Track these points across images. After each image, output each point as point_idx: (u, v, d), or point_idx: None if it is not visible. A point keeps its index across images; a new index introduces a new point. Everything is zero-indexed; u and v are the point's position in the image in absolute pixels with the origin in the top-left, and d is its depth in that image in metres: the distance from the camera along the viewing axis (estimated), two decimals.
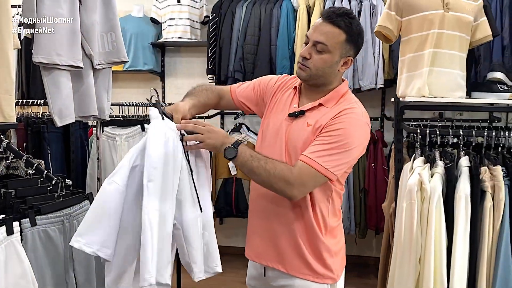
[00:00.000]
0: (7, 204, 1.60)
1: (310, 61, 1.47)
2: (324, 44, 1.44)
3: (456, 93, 2.01)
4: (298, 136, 1.49)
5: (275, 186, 1.40)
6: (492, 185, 1.76)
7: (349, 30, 1.45)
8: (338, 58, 1.47)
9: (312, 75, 1.49)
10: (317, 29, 1.47)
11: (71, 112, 1.81)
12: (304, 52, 1.48)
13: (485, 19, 2.06)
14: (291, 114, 1.52)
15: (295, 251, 1.50)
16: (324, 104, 1.50)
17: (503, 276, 1.71)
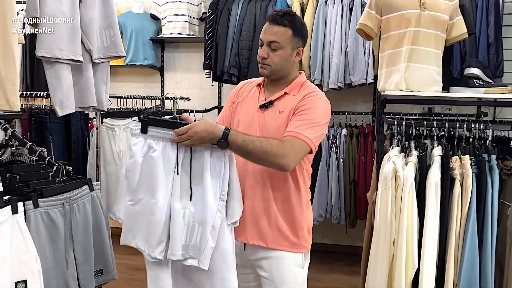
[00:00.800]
0: (12, 187, 1.70)
1: (268, 60, 1.69)
2: (276, 42, 1.67)
3: (431, 88, 2.11)
4: (272, 123, 1.70)
5: (273, 161, 1.57)
6: (461, 173, 1.86)
7: (293, 26, 1.68)
8: (290, 51, 1.70)
9: (273, 71, 1.71)
10: (267, 31, 1.69)
11: (71, 103, 1.92)
12: (262, 53, 1.69)
13: (461, 18, 2.16)
14: (262, 106, 1.73)
15: (275, 226, 1.70)
16: (289, 92, 1.73)
17: (469, 257, 1.82)
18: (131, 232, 1.63)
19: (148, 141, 1.57)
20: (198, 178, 1.58)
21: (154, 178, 1.57)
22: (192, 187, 1.57)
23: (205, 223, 1.56)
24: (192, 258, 1.59)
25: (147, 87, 4.66)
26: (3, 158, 1.90)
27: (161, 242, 1.59)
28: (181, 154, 1.57)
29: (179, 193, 1.58)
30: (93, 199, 1.87)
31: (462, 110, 3.69)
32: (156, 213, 1.57)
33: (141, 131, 1.58)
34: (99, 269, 1.90)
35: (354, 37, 3.55)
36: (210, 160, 1.57)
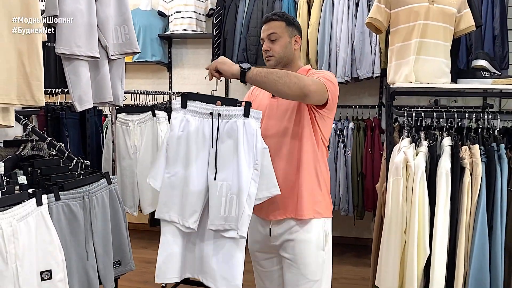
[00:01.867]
0: (34, 181, 1.75)
1: (271, 51, 1.89)
2: (274, 33, 1.89)
3: (440, 80, 2.15)
4: (285, 105, 1.86)
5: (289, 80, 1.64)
6: (471, 162, 1.89)
7: (284, 18, 1.91)
8: (288, 39, 1.90)
9: (277, 60, 1.90)
10: (264, 29, 1.93)
11: (89, 99, 1.95)
12: (265, 47, 1.91)
13: (468, 10, 2.20)
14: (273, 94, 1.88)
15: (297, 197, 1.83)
16: None
17: (479, 244, 1.86)
18: (166, 205, 1.71)
19: (187, 116, 1.68)
20: (232, 151, 1.65)
21: (190, 151, 1.67)
22: (226, 160, 1.65)
23: (241, 192, 1.63)
24: (232, 229, 1.65)
25: (155, 83, 4.70)
26: (24, 153, 1.95)
27: (195, 212, 1.67)
28: (215, 128, 1.66)
29: (214, 166, 1.66)
30: (110, 192, 1.92)
31: (468, 102, 3.73)
32: (190, 184, 1.66)
33: (181, 106, 1.68)
34: (117, 260, 1.96)
35: (360, 31, 3.58)
36: (243, 133, 1.65)
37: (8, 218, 1.42)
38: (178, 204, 1.69)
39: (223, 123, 1.66)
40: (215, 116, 1.66)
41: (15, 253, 1.42)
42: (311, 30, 3.70)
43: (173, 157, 1.69)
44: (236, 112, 1.66)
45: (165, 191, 1.71)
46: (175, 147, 1.69)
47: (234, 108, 1.67)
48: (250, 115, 1.66)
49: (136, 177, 2.69)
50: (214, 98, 1.70)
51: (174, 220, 1.70)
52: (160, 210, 1.72)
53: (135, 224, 4.39)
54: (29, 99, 1.47)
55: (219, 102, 1.69)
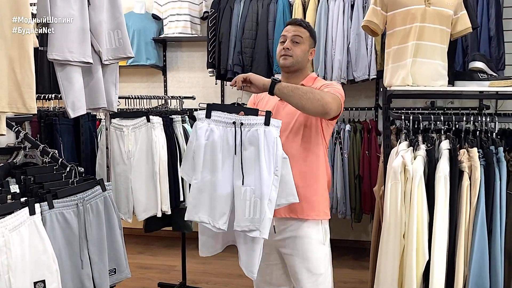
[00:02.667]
0: (27, 189, 1.73)
1: (291, 51, 1.98)
2: (300, 37, 2.00)
3: (437, 82, 2.13)
4: (292, 111, 1.91)
5: (313, 96, 1.77)
6: (469, 165, 1.88)
7: (309, 29, 2.04)
8: (308, 48, 2.03)
9: (294, 62, 1.99)
10: (291, 30, 2.02)
11: (82, 105, 1.92)
12: (287, 45, 1.98)
13: (464, 12, 2.18)
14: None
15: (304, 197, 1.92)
16: (305, 84, 1.97)
17: (479, 248, 1.84)
18: (195, 207, 1.83)
19: (211, 125, 1.80)
20: (254, 157, 1.77)
21: (215, 158, 1.79)
22: (248, 166, 1.77)
23: (263, 197, 1.75)
24: (256, 230, 1.77)
25: (150, 87, 4.68)
26: (17, 160, 1.92)
27: (224, 214, 1.80)
28: (238, 136, 1.78)
29: (239, 172, 1.78)
30: (105, 199, 1.90)
31: (464, 104, 3.72)
32: (218, 189, 1.79)
33: (206, 116, 1.81)
34: (112, 268, 1.93)
35: (356, 33, 3.58)
36: (264, 140, 1.75)
37: (0, 229, 1.40)
38: (206, 206, 1.82)
39: (245, 132, 1.78)
40: (237, 125, 1.77)
41: (7, 264, 1.40)
42: None
43: (199, 164, 1.82)
44: (257, 121, 1.77)
45: (193, 195, 1.84)
46: (201, 155, 1.81)
47: (255, 118, 1.78)
48: (271, 124, 1.76)
49: (130, 183, 2.66)
50: (237, 108, 1.82)
51: (204, 221, 1.82)
52: (190, 212, 1.85)
53: (131, 229, 4.35)
54: (21, 107, 1.44)
55: (242, 112, 1.81)
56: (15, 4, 1.41)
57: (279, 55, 2.01)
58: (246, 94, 2.01)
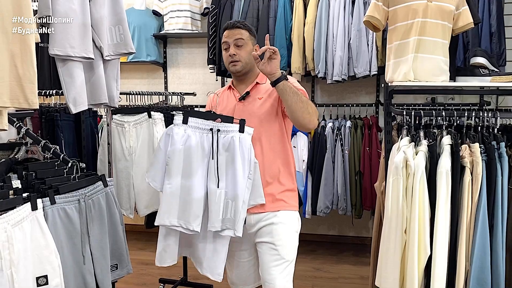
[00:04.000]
0: (29, 185, 1.73)
1: (237, 56, 2.01)
2: (241, 39, 2.01)
3: (439, 78, 2.13)
4: (258, 108, 2.00)
5: (310, 109, 1.84)
6: (471, 160, 1.88)
7: (247, 28, 2.04)
8: (252, 47, 2.03)
9: (243, 65, 2.02)
10: (230, 34, 2.02)
11: (84, 100, 1.92)
12: (231, 51, 2.01)
13: (466, 7, 2.18)
14: (241, 98, 2.04)
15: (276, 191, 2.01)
16: (260, 82, 2.06)
17: (480, 243, 1.84)
18: (167, 212, 1.90)
19: (188, 131, 1.89)
20: (229, 162, 1.88)
21: (191, 163, 1.87)
22: (224, 169, 1.89)
23: (237, 198, 1.87)
24: (228, 229, 1.90)
25: (150, 83, 4.67)
26: (19, 156, 1.92)
27: (197, 216, 1.89)
28: (215, 142, 1.88)
29: (214, 176, 1.88)
30: (107, 194, 1.90)
31: (465, 99, 3.72)
32: (193, 192, 1.87)
33: (183, 122, 1.89)
34: (114, 264, 1.94)
35: (357, 29, 3.57)
36: (239, 146, 1.87)
37: (3, 224, 1.40)
38: (178, 210, 1.89)
39: (221, 138, 1.89)
40: (214, 132, 1.89)
41: (10, 259, 1.40)
42: (307, 28, 3.68)
43: (174, 169, 1.88)
44: (232, 128, 1.89)
45: (165, 200, 1.91)
46: (177, 160, 1.88)
47: (231, 125, 1.90)
48: (245, 131, 1.89)
49: (132, 179, 2.66)
50: (213, 115, 1.92)
51: (174, 224, 1.90)
52: (161, 217, 1.91)
53: (132, 225, 4.36)
54: (23, 102, 1.44)
55: (219, 119, 1.90)
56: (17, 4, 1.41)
57: (227, 63, 2.05)
58: None
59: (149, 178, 1.95)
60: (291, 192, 2.06)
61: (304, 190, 3.82)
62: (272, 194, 2.01)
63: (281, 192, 2.02)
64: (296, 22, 3.70)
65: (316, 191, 3.78)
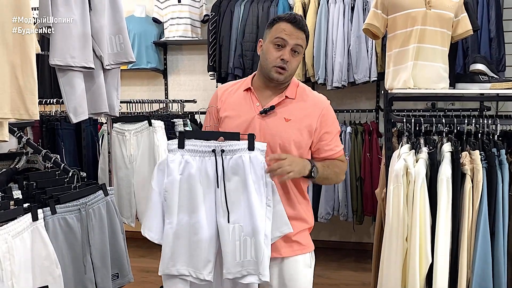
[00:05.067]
0: (30, 194, 1.72)
1: (289, 65, 1.61)
2: (301, 47, 1.63)
3: (439, 85, 2.14)
4: (278, 130, 1.64)
5: (341, 178, 1.73)
6: (472, 168, 1.89)
7: (308, 35, 1.65)
8: (301, 59, 1.71)
9: (287, 77, 1.64)
10: (294, 35, 1.60)
11: (84, 110, 1.93)
12: (286, 57, 1.60)
13: (465, 15, 2.19)
14: (263, 112, 1.65)
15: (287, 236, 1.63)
16: (289, 96, 1.67)
17: (482, 250, 1.84)
18: (172, 258, 1.55)
19: (186, 157, 1.53)
20: (241, 189, 1.52)
21: (194, 195, 1.52)
22: (234, 199, 1.52)
23: (257, 233, 1.50)
24: (250, 274, 1.52)
25: (151, 90, 4.68)
26: (19, 166, 1.93)
27: (209, 262, 1.53)
28: (220, 166, 1.53)
29: (223, 208, 1.52)
30: (108, 203, 1.90)
31: (465, 105, 3.71)
32: (200, 232, 1.52)
33: (179, 146, 1.54)
34: (115, 273, 1.93)
35: (356, 36, 3.58)
36: (250, 168, 1.51)
37: (3, 235, 1.40)
38: (185, 255, 1.54)
39: (227, 160, 1.52)
40: (218, 153, 1.52)
41: (11, 270, 1.39)
42: None
43: (174, 204, 1.53)
44: (240, 147, 1.53)
45: (169, 243, 1.55)
46: (176, 193, 1.53)
47: (237, 143, 1.53)
48: (256, 148, 1.53)
49: (132, 187, 2.66)
50: (214, 134, 1.59)
51: (183, 273, 1.55)
52: (165, 265, 1.57)
53: (133, 232, 4.34)
54: (23, 113, 1.45)
55: (221, 138, 1.56)
56: (17, 9, 1.41)
57: (272, 64, 1.61)
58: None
59: (145, 230, 1.58)
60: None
61: None
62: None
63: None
64: None
65: (317, 197, 3.78)
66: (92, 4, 1.95)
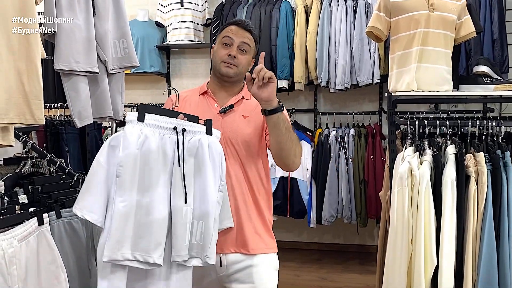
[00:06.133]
0: (35, 199, 1.73)
1: (237, 61, 1.70)
2: (248, 45, 1.73)
3: (442, 87, 2.14)
4: (240, 126, 1.72)
5: (295, 150, 1.62)
6: (476, 170, 1.88)
7: (254, 36, 1.77)
8: (251, 59, 1.77)
9: (237, 72, 1.72)
10: (239, 34, 1.72)
11: (89, 114, 1.94)
12: (233, 53, 1.69)
13: (468, 17, 2.19)
14: (222, 111, 1.72)
15: (254, 231, 1.71)
16: (245, 97, 1.76)
17: (487, 252, 1.84)
18: (119, 241, 1.39)
19: (145, 131, 1.43)
20: (197, 171, 1.48)
21: (150, 173, 1.42)
22: (189, 182, 1.47)
23: (207, 216, 1.47)
24: (195, 257, 1.49)
25: (154, 94, 4.69)
26: (24, 170, 1.93)
27: (159, 245, 1.43)
28: (181, 145, 1.46)
29: (180, 188, 1.46)
30: None
31: (468, 107, 3.71)
32: (153, 212, 1.42)
33: (138, 119, 1.43)
34: None
35: (359, 38, 3.58)
36: (209, 151, 1.49)
37: (9, 239, 1.40)
38: (132, 237, 1.40)
39: (186, 141, 1.47)
40: (179, 131, 1.46)
41: (17, 275, 1.39)
42: (310, 38, 3.70)
43: (130, 180, 1.40)
44: (199, 129, 1.50)
45: (117, 225, 1.39)
46: (132, 168, 1.40)
47: (197, 125, 1.51)
48: (213, 134, 1.52)
49: None
50: (176, 113, 1.51)
51: (128, 258, 1.40)
52: (111, 249, 1.38)
53: None
54: (29, 118, 1.45)
55: (181, 116, 1.50)
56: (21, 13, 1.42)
57: (221, 60, 1.71)
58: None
59: (83, 210, 1.42)
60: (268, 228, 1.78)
61: (308, 198, 3.81)
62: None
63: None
64: (298, 31, 3.71)
65: (321, 199, 3.78)
66: (96, 9, 1.96)
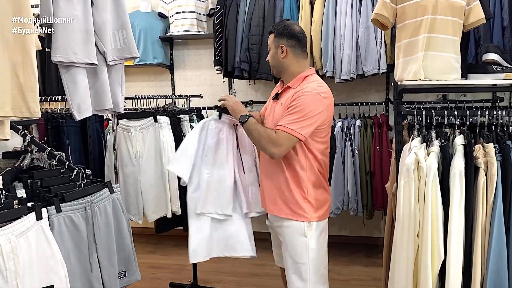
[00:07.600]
0: (34, 193, 1.73)
1: (269, 61, 2.19)
2: (268, 45, 2.17)
3: (450, 76, 2.07)
4: (277, 113, 2.11)
5: (263, 144, 2.01)
6: (485, 161, 1.82)
7: (275, 30, 2.14)
8: (275, 50, 2.13)
9: (272, 69, 2.20)
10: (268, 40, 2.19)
11: (88, 107, 1.91)
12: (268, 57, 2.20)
13: (477, 3, 2.11)
14: (273, 98, 2.21)
15: (281, 198, 2.10)
16: (291, 86, 2.09)
17: (497, 245, 1.78)
18: (205, 202, 2.17)
19: (220, 125, 2.18)
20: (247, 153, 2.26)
21: (223, 154, 2.18)
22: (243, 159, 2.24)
23: (255, 184, 2.27)
24: (252, 212, 2.28)
25: (157, 85, 4.66)
26: (24, 164, 1.91)
27: (231, 202, 2.20)
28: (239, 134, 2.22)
29: (240, 165, 2.22)
30: (113, 201, 1.89)
31: (477, 96, 3.63)
32: (227, 180, 2.18)
33: (219, 117, 2.18)
34: (122, 271, 1.94)
35: (365, 27, 3.51)
36: (245, 138, 2.19)
37: (7, 234, 1.40)
38: (214, 198, 2.17)
39: (238, 131, 2.23)
40: (239, 126, 2.15)
41: (15, 270, 1.39)
42: (314, 27, 3.63)
43: (212, 159, 2.17)
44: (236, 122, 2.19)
45: (203, 190, 2.17)
46: (213, 151, 2.17)
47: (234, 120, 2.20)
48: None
49: (139, 184, 2.64)
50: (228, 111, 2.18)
51: (209, 211, 2.18)
52: (199, 207, 2.17)
53: (142, 228, 4.34)
54: (25, 111, 1.43)
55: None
56: (16, 7, 1.39)
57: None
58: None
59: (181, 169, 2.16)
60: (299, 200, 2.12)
61: None
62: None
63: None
64: (303, 21, 3.65)
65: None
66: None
